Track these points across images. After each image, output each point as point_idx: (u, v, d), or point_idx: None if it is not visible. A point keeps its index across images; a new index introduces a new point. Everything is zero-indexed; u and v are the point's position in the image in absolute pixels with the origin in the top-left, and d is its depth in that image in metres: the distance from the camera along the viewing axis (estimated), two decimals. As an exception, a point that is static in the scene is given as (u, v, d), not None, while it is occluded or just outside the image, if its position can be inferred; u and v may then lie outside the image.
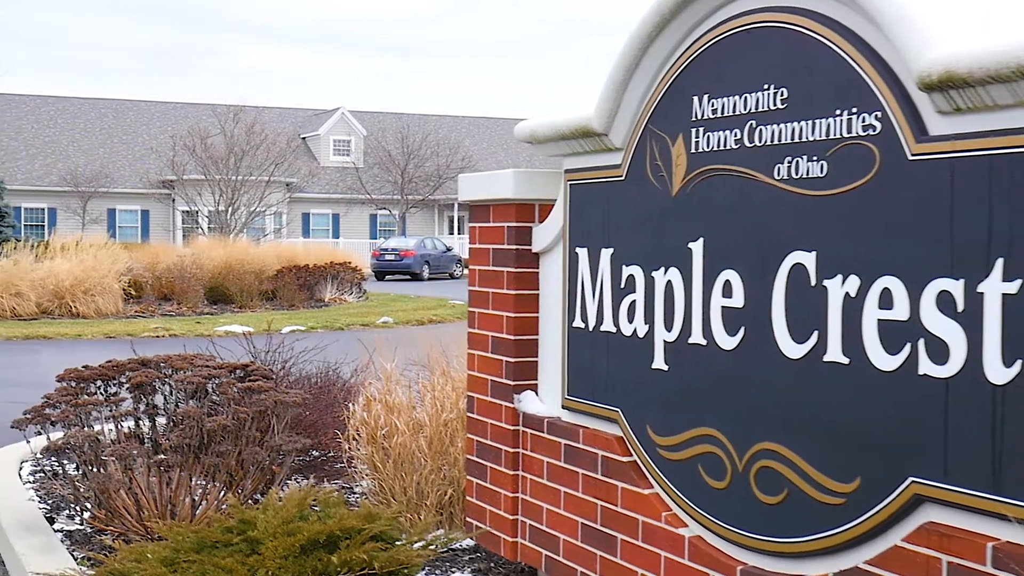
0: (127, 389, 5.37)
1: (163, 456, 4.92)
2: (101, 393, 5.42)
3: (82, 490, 5.27)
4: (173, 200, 54.67)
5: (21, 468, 7.08)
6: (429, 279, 44.20)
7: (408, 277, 43.99)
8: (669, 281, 3.75)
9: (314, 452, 7.11)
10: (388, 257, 44.42)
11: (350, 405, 7.08)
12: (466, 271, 32.56)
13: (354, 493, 6.41)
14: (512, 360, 4.65)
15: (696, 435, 3.63)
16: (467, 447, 5.04)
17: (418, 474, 5.51)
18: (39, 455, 6.79)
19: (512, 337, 4.65)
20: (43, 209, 54.11)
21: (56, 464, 5.24)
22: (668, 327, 3.77)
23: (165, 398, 5.44)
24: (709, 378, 3.56)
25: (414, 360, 7.22)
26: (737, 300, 3.42)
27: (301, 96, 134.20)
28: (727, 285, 3.47)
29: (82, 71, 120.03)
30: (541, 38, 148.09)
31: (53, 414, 5.17)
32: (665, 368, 3.80)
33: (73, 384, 5.33)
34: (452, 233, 59.52)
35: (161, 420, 5.51)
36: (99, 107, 61.84)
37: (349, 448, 5.83)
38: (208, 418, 4.95)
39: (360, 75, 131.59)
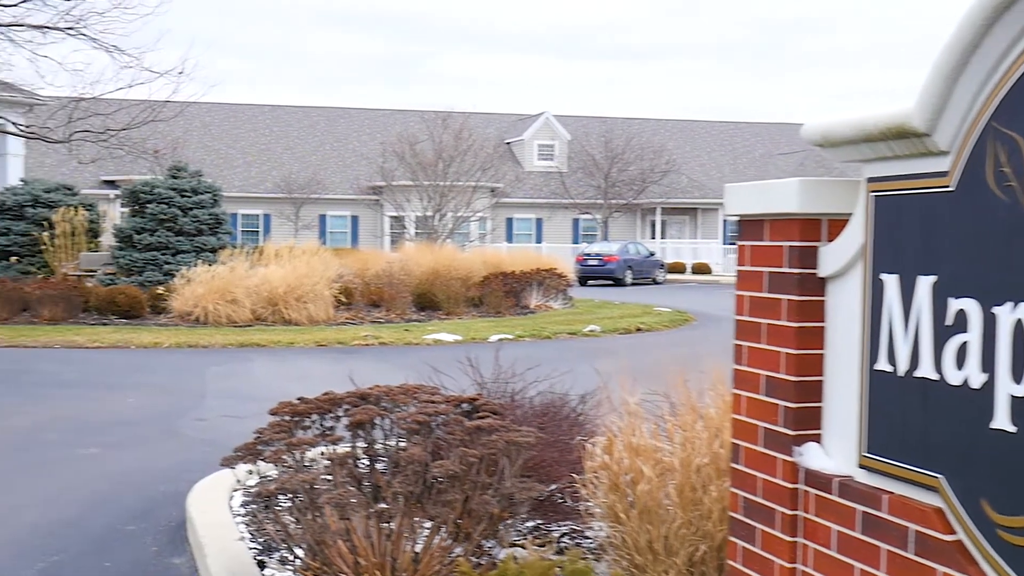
0: (345, 426, 4.83)
1: (384, 506, 4.35)
2: (317, 427, 4.91)
3: (295, 536, 4.76)
4: (381, 206, 55.46)
5: (232, 498, 6.68)
6: (632, 284, 43.51)
7: (611, 282, 43.39)
8: (1020, 320, 2.94)
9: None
10: (591, 262, 43.90)
11: (578, 435, 6.44)
12: (668, 276, 31.92)
13: (586, 538, 5.75)
14: (791, 405, 3.89)
15: (1058, 519, 2.81)
16: (731, 503, 4.30)
17: (666, 526, 4.81)
18: (251, 488, 6.36)
19: (792, 378, 3.89)
20: (258, 215, 55.66)
21: (267, 509, 4.74)
22: (1017, 378, 2.96)
23: (385, 434, 4.88)
24: (1079, 448, 2.74)
25: (647, 383, 6.46)
26: None
27: (505, 101, 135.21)
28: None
29: (296, 81, 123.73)
30: (746, 40, 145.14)
31: (266, 452, 4.67)
32: (1011, 430, 2.99)
33: (287, 419, 4.83)
34: (654, 238, 58.59)
35: (377, 455, 4.98)
36: (312, 115, 63.34)
37: (587, 493, 5.15)
38: (434, 462, 4.36)
39: (564, 80, 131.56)
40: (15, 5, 23.80)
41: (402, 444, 4.67)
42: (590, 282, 42.83)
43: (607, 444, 5.07)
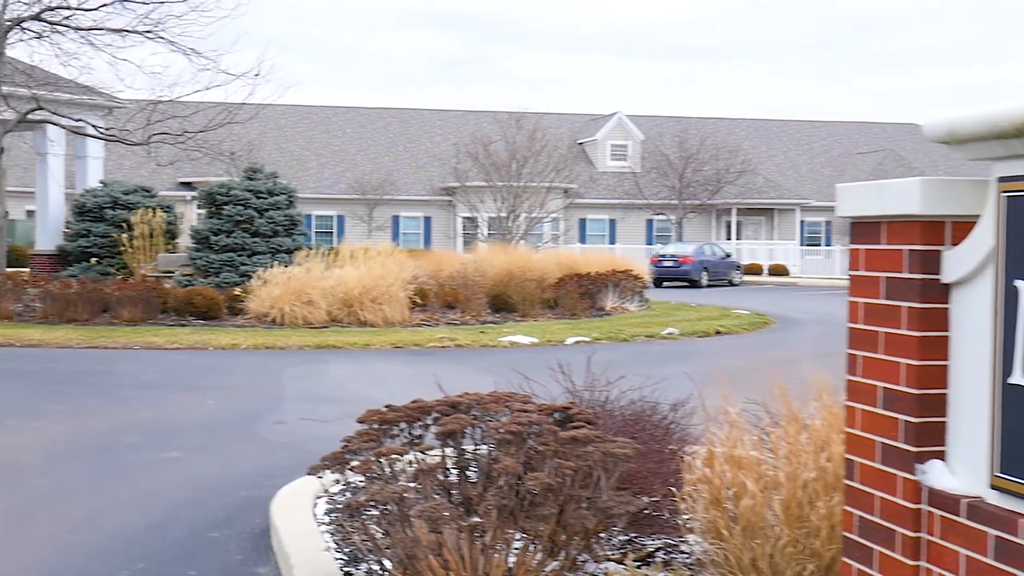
0: (435, 435, 4.67)
1: (478, 520, 4.19)
2: (405, 436, 4.76)
3: (384, 548, 4.61)
4: (454, 206, 55.53)
5: (315, 505, 6.56)
6: (707, 286, 43.10)
7: (686, 284, 43.00)
8: None
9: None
10: (666, 263, 43.55)
11: (669, 444, 6.23)
12: (744, 278, 31.44)
13: (681, 552, 5.55)
14: (913, 420, 3.66)
15: None
16: (844, 523, 4.08)
17: (771, 544, 4.59)
18: (336, 496, 6.24)
19: (913, 391, 3.65)
20: (332, 216, 56.00)
21: (354, 519, 4.60)
22: None
23: (475, 444, 4.71)
24: None
25: (738, 390, 6.22)
26: None
27: (576, 102, 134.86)
28: None
29: (367, 82, 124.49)
30: (818, 38, 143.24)
31: (354, 462, 4.53)
32: None
33: (375, 427, 4.68)
34: (729, 238, 58.02)
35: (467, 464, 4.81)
36: (384, 116, 63.62)
37: (687, 507, 4.95)
38: (528, 474, 4.19)
39: (635, 80, 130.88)
40: (95, 9, 24.09)
41: (494, 454, 4.50)
42: (665, 283, 42.47)
43: (708, 457, 4.86)
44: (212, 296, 21.82)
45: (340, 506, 5.95)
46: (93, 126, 27.35)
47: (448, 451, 4.63)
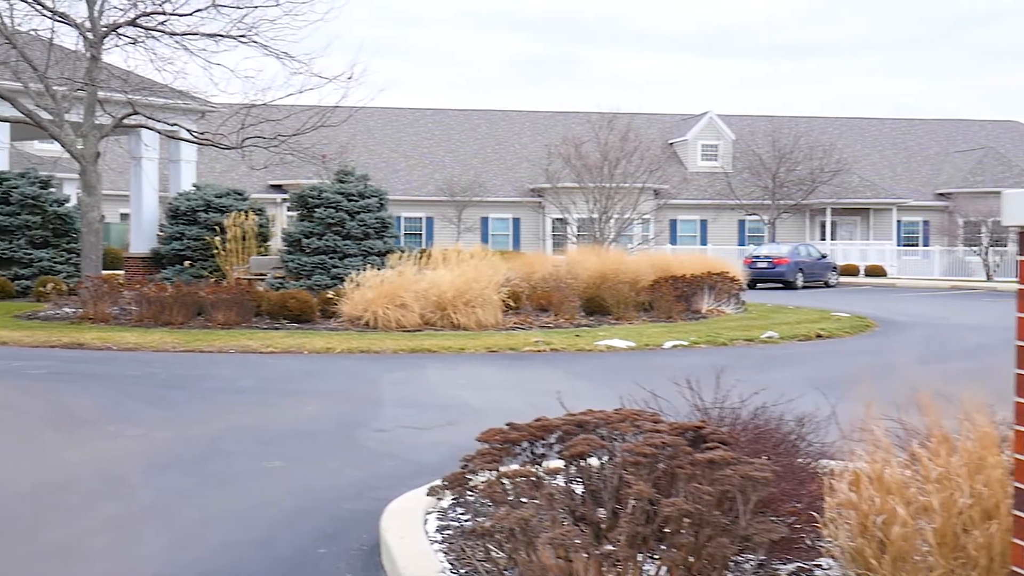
0: (562, 456, 4.39)
1: (611, 548, 3.89)
2: (528, 455, 4.48)
3: (506, 572, 4.34)
4: (543, 208, 55.31)
5: (426, 522, 6.30)
6: (803, 288, 42.36)
7: (780, 285, 42.29)
8: None
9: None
10: (760, 264, 42.87)
11: (797, 461, 5.88)
12: (840, 279, 30.69)
13: (814, 577, 5.19)
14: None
15: None
16: (1014, 556, 3.72)
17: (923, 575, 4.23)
18: (447, 511, 6.00)
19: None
20: (420, 218, 56.10)
21: (472, 541, 4.33)
22: None
23: (602, 464, 4.42)
24: None
25: (883, 410, 5.84)
26: None
27: (664, 102, 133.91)
28: None
29: (454, 84, 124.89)
30: (911, 35, 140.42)
31: (475, 482, 4.27)
32: None
33: (497, 446, 4.41)
34: (824, 239, 57.01)
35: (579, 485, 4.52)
36: (472, 118, 63.62)
37: (828, 533, 4.60)
38: (664, 500, 3.89)
39: (726, 79, 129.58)
40: (190, 14, 24.23)
41: (624, 477, 4.20)
42: (759, 285, 41.79)
43: (854, 480, 4.50)
44: (305, 299, 21.78)
45: (455, 524, 5.69)
46: (187, 130, 27.56)
47: (576, 474, 4.33)
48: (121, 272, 31.62)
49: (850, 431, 5.19)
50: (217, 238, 29.36)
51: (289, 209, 44.31)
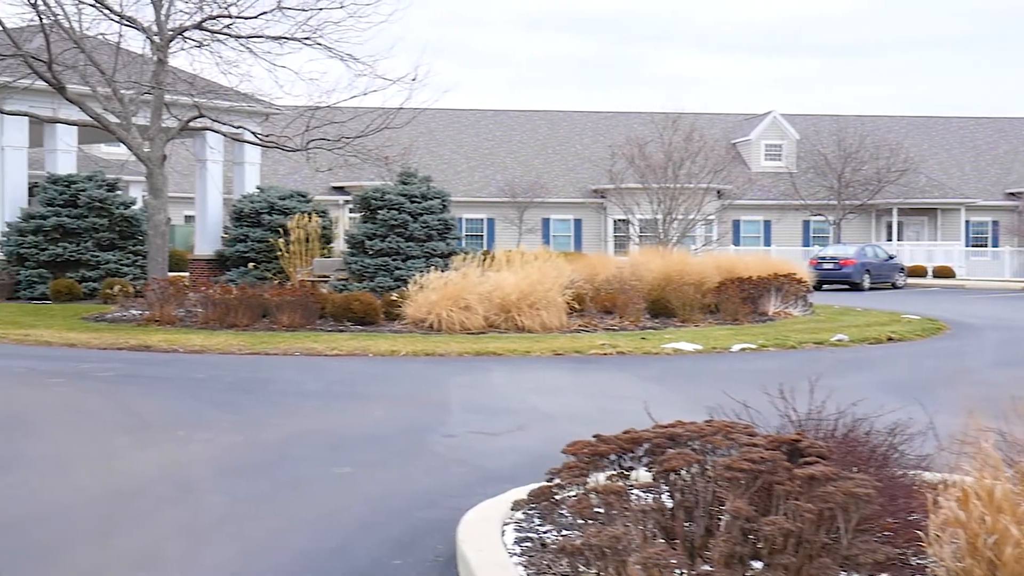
0: (646, 465, 4.21)
1: (707, 568, 3.71)
2: (615, 467, 4.31)
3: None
4: (605, 209, 55.06)
5: (504, 533, 6.13)
6: (869, 289, 41.76)
7: (847, 287, 41.72)
8: None
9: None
10: (826, 266, 42.31)
11: (887, 472, 5.65)
12: (908, 280, 30.10)
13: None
14: None
15: None
16: None
17: (1038, 599, 3.99)
18: (524, 523, 5.84)
19: None
20: (482, 219, 56.07)
21: (566, 565, 4.16)
22: None
23: (693, 478, 4.23)
24: None
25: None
26: None
27: (726, 101, 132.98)
28: None
29: (512, 85, 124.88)
30: (983, 33, 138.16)
31: (563, 497, 4.10)
32: None
33: (584, 460, 4.24)
34: (890, 239, 56.22)
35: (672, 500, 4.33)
36: (533, 119, 63.51)
37: (933, 553, 4.38)
38: (764, 518, 3.69)
39: (790, 77, 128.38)
40: (255, 17, 24.30)
41: (718, 493, 4.01)
42: (824, 286, 41.23)
43: (962, 497, 4.28)
44: (369, 301, 21.74)
45: (534, 535, 5.53)
46: (251, 132, 27.67)
47: (665, 489, 4.15)
48: (186, 274, 31.87)
49: (950, 442, 4.96)
50: (281, 240, 29.46)
51: (351, 211, 44.54)
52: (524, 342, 18.81)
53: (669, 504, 4.24)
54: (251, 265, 30.74)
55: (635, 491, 4.22)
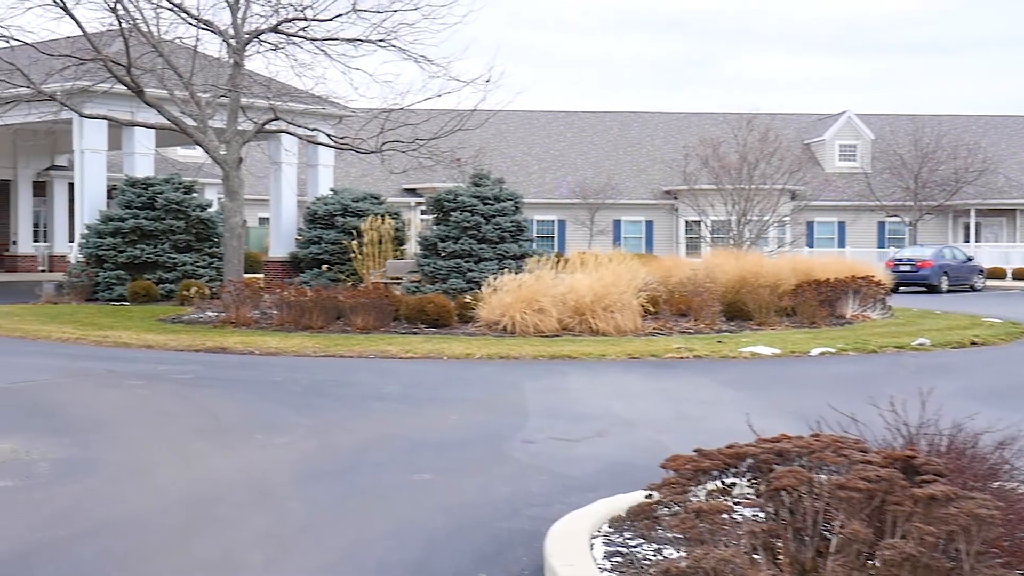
0: (749, 481, 4.01)
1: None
2: (719, 483, 4.12)
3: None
4: (676, 210, 54.62)
5: (592, 547, 5.94)
6: (948, 291, 40.92)
7: (924, 289, 40.94)
8: None
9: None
10: (903, 268, 41.54)
11: (995, 485, 5.38)
12: (987, 283, 29.33)
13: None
14: None
15: None
16: None
17: None
18: (613, 536, 5.66)
19: None
20: (552, 221, 55.91)
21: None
22: None
23: (800, 496, 4.02)
24: None
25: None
26: None
27: (798, 101, 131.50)
28: None
29: (584, 86, 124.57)
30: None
31: (664, 515, 3.92)
32: None
33: (686, 476, 4.06)
34: (967, 241, 55.14)
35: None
36: (605, 120, 63.22)
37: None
38: (883, 541, 3.49)
39: (864, 76, 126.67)
40: (330, 20, 24.34)
41: (829, 511, 3.80)
42: (901, 289, 40.50)
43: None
44: (443, 304, 21.65)
45: (623, 550, 5.35)
46: (326, 135, 27.76)
47: (772, 508, 3.95)
48: (260, 275, 32.09)
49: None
50: (354, 242, 29.53)
51: (423, 213, 44.62)
52: (599, 345, 18.61)
53: (761, 517, 4.04)
54: (325, 267, 30.87)
55: (741, 509, 4.03)
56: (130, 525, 7.21)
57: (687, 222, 53.06)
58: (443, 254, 27.40)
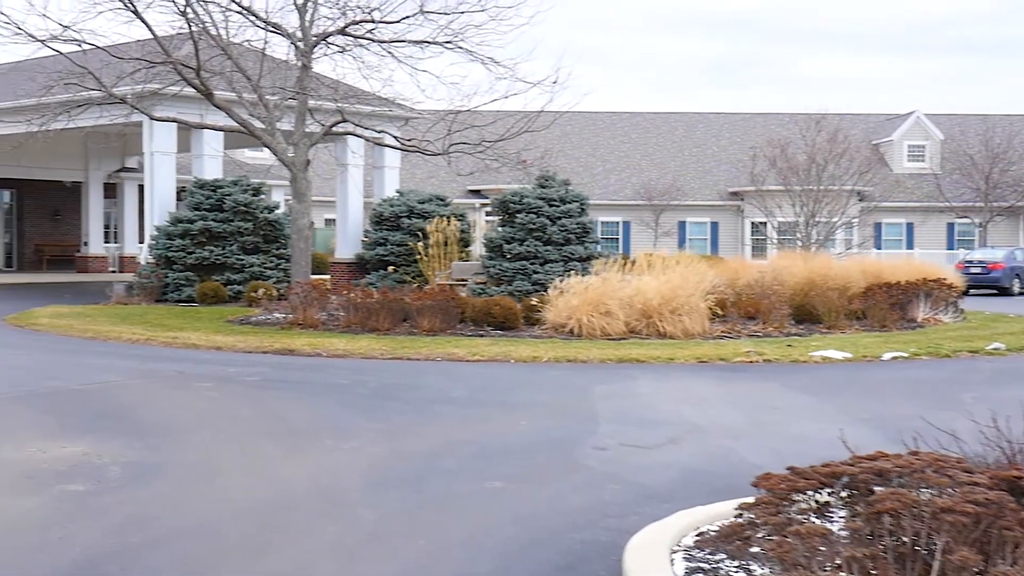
0: (845, 501, 3.84)
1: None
2: (813, 502, 3.96)
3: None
4: (742, 211, 54.12)
5: (673, 562, 5.80)
6: (1020, 294, 40.16)
7: (995, 292, 40.21)
8: None
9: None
10: (973, 270, 40.82)
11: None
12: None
13: None
14: None
15: None
16: None
17: None
18: (702, 558, 5.51)
19: None
20: (617, 222, 55.66)
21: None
22: None
23: (900, 518, 3.85)
24: None
25: None
26: None
27: (864, 101, 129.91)
28: None
29: (649, 87, 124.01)
30: None
31: (757, 536, 3.77)
32: None
33: (780, 495, 3.90)
34: (1040, 243, 54.12)
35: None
36: (670, 121, 62.83)
37: None
38: (991, 569, 3.31)
39: (932, 76, 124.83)
40: (397, 22, 24.35)
41: (932, 535, 3.63)
42: (972, 291, 39.78)
43: None
44: (509, 306, 21.54)
45: (705, 565, 5.20)
46: (393, 136, 27.78)
47: (874, 532, 3.78)
48: (326, 277, 32.20)
49: None
50: (420, 243, 29.53)
51: (488, 214, 44.57)
52: (667, 349, 18.40)
53: (849, 535, 3.87)
54: (390, 268, 30.91)
55: (859, 536, 3.85)
56: (201, 532, 7.17)
57: (753, 223, 52.57)
58: (508, 256, 27.30)
